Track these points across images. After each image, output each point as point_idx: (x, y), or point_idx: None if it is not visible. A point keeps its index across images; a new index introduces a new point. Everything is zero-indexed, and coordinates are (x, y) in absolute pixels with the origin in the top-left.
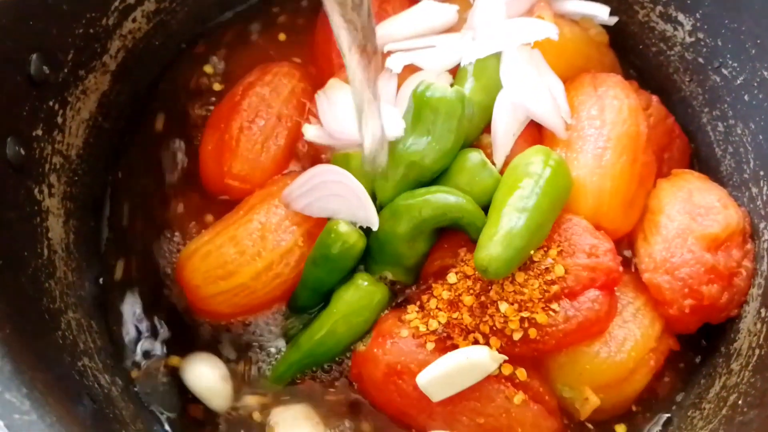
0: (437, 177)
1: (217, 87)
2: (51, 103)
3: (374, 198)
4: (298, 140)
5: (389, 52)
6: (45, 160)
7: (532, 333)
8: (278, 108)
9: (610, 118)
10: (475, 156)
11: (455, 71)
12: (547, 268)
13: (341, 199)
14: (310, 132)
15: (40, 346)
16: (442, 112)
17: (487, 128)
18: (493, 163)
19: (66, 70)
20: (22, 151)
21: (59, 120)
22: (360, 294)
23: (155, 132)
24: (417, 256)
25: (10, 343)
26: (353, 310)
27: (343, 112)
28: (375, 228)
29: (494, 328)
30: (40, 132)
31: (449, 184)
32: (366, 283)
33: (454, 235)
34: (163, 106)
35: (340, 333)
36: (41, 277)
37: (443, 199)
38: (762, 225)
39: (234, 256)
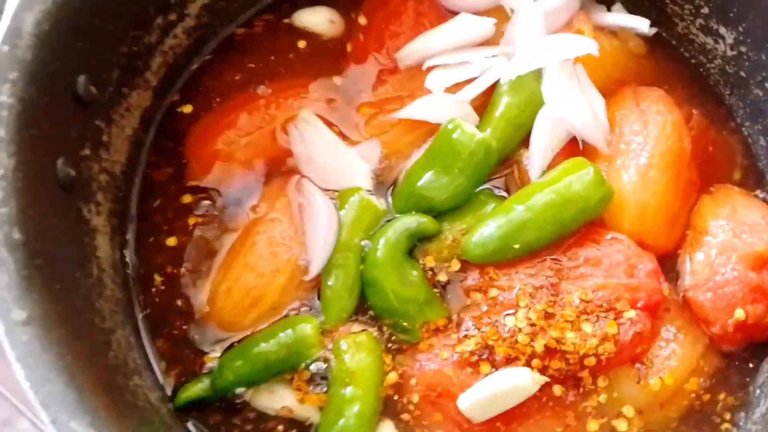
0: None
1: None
2: (97, 122)
3: None
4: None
5: (429, 69)
6: (92, 178)
7: (573, 356)
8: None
9: (653, 134)
10: (491, 206)
11: (492, 89)
12: (585, 290)
13: (309, 220)
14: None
15: (96, 369)
16: (463, 157)
17: (524, 142)
18: (529, 179)
19: (111, 89)
20: (72, 172)
21: (105, 138)
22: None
23: None
24: (418, 287)
25: (72, 370)
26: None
27: (320, 155)
28: (309, 275)
29: (534, 350)
30: (87, 151)
31: (458, 221)
32: (363, 338)
33: None
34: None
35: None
36: (92, 297)
37: (404, 219)
38: None
39: (256, 281)
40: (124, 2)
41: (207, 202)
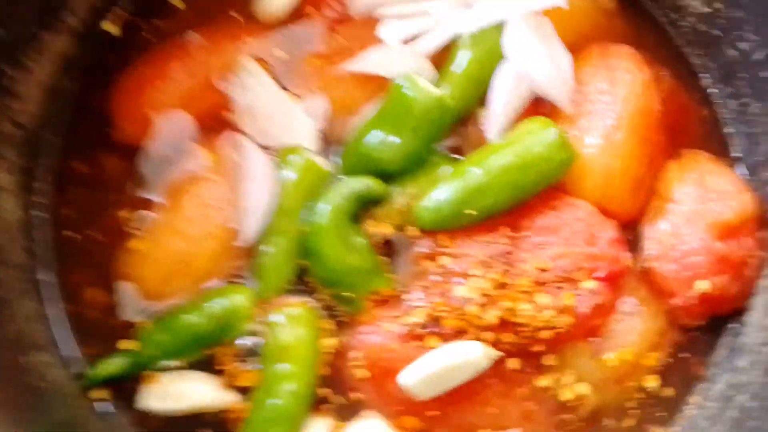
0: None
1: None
2: (1, 66)
3: None
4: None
5: (383, 19)
6: None
7: (526, 329)
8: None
9: (621, 93)
10: (445, 168)
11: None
12: (542, 259)
13: (246, 180)
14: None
15: None
16: (416, 116)
17: (483, 100)
18: (486, 140)
19: (17, 27)
20: None
21: (11, 84)
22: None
23: None
24: (363, 255)
25: None
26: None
27: (260, 108)
28: (245, 241)
29: (486, 322)
30: None
31: (410, 184)
32: (300, 311)
33: None
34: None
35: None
36: None
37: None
38: None
39: (184, 246)
40: None
41: (133, 160)
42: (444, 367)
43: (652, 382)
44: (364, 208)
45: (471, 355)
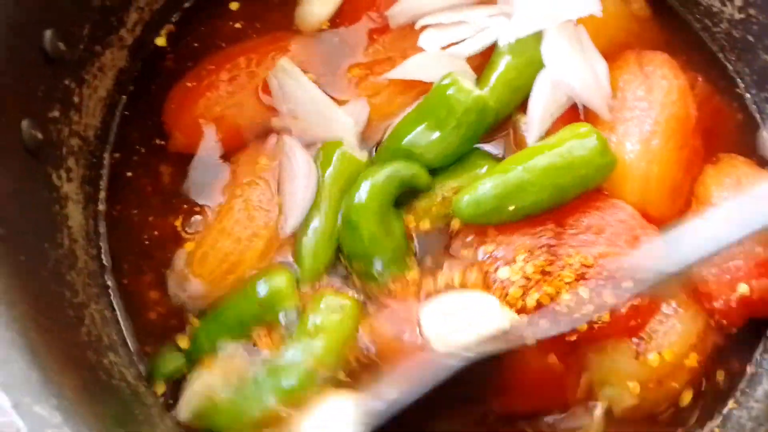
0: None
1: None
2: (67, 82)
3: None
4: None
5: (422, 29)
6: (63, 142)
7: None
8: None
9: (658, 100)
10: (486, 167)
11: (489, 50)
12: (586, 256)
13: (288, 175)
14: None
15: (65, 346)
16: (458, 114)
17: (522, 107)
18: (526, 144)
19: (82, 46)
20: (39, 135)
21: (76, 99)
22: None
23: None
24: (398, 240)
25: (35, 348)
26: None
27: (300, 105)
28: (287, 230)
29: (525, 305)
30: (56, 113)
31: (450, 179)
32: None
33: None
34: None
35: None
36: (62, 269)
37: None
38: None
39: (232, 247)
40: None
41: (186, 167)
42: (462, 314)
43: (692, 382)
44: (405, 197)
45: (487, 306)
